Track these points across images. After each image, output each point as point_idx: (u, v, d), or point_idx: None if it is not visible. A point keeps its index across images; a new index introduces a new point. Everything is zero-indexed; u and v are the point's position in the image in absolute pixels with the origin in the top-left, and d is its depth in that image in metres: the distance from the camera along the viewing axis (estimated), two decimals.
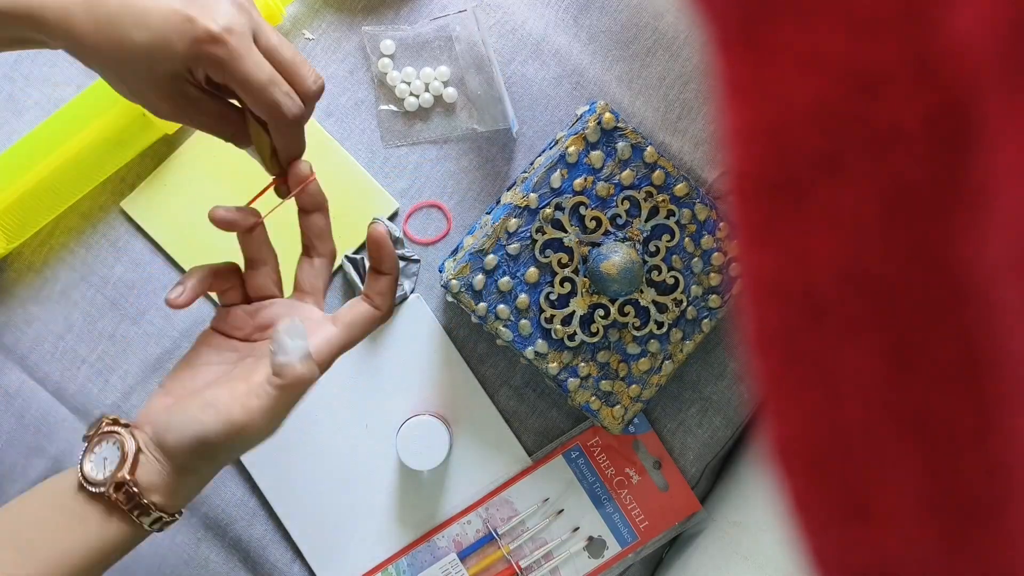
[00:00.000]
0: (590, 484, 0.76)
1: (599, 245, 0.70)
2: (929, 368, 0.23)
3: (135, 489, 0.53)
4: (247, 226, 0.58)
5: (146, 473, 0.54)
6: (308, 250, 0.59)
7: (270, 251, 0.60)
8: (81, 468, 0.54)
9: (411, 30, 0.75)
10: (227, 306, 0.60)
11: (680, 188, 0.71)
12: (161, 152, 0.75)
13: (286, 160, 0.58)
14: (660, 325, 0.72)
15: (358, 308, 0.58)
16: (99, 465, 0.55)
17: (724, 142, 0.24)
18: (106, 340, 0.75)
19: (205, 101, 0.55)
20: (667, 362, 0.73)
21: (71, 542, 0.54)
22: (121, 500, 0.54)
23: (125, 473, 0.54)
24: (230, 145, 0.59)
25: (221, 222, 0.56)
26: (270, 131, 0.56)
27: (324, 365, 0.56)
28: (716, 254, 0.72)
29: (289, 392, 0.53)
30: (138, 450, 0.54)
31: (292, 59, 0.55)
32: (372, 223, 0.58)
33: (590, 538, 0.76)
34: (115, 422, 0.56)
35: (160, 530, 0.56)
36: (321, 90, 0.57)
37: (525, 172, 0.73)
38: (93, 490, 0.54)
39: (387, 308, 0.58)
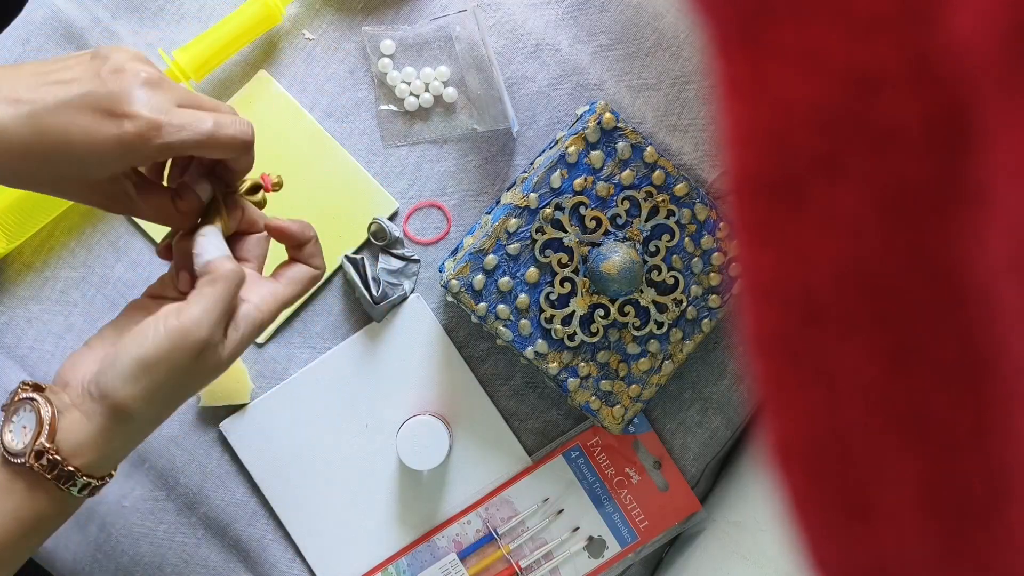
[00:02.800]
0: (590, 484, 0.76)
1: (599, 245, 0.70)
2: (929, 368, 0.23)
3: (56, 456, 0.52)
4: (306, 239, 0.60)
5: (71, 435, 0.52)
6: (253, 226, 0.61)
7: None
8: (1, 439, 0.53)
9: (411, 30, 0.75)
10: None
11: (680, 188, 0.71)
12: None
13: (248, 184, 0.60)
14: (660, 325, 0.72)
15: (296, 267, 0.60)
16: (18, 434, 0.53)
17: (724, 142, 0.24)
18: None
19: (145, 194, 0.56)
20: (667, 362, 0.73)
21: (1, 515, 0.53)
22: (44, 468, 0.52)
23: (44, 440, 0.52)
24: None
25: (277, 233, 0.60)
26: (229, 164, 0.57)
27: (271, 315, 0.57)
28: (716, 254, 0.72)
29: (221, 289, 0.53)
30: (54, 414, 0.53)
31: (215, 105, 0.56)
32: (269, 223, 0.59)
33: (590, 538, 0.76)
34: (35, 387, 0.55)
35: (91, 495, 0.55)
36: (251, 129, 0.57)
37: (525, 172, 0.73)
38: (15, 461, 0.52)
39: (322, 266, 0.61)
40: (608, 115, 0.69)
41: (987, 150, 0.20)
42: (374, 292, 0.73)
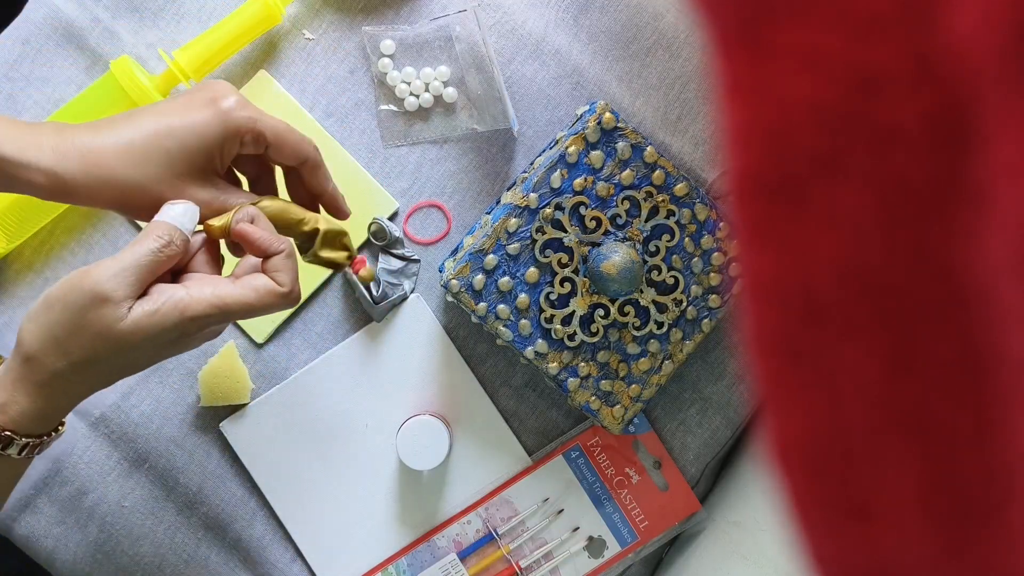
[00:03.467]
0: (590, 484, 0.76)
1: (599, 245, 0.70)
2: (929, 368, 0.23)
3: None
4: (272, 251, 0.58)
5: (4, 382, 0.53)
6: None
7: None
8: None
9: (411, 30, 0.75)
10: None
11: (680, 188, 0.71)
12: None
13: (330, 202, 0.62)
14: (660, 325, 0.72)
15: (257, 276, 0.56)
16: None
17: (724, 142, 0.24)
18: None
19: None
20: (667, 362, 0.73)
21: None
22: None
23: None
24: None
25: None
26: (306, 177, 0.60)
27: (204, 308, 0.53)
28: (716, 254, 0.72)
29: (141, 247, 0.52)
30: (19, 380, 0.53)
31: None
32: (236, 225, 0.56)
33: (590, 538, 0.76)
34: None
35: (19, 454, 0.54)
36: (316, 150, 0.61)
37: (525, 172, 0.73)
38: None
39: (290, 285, 0.56)
40: (608, 115, 0.69)
41: (987, 150, 0.20)
42: (374, 292, 0.73)
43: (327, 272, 0.75)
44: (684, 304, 0.72)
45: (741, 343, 0.25)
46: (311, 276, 0.74)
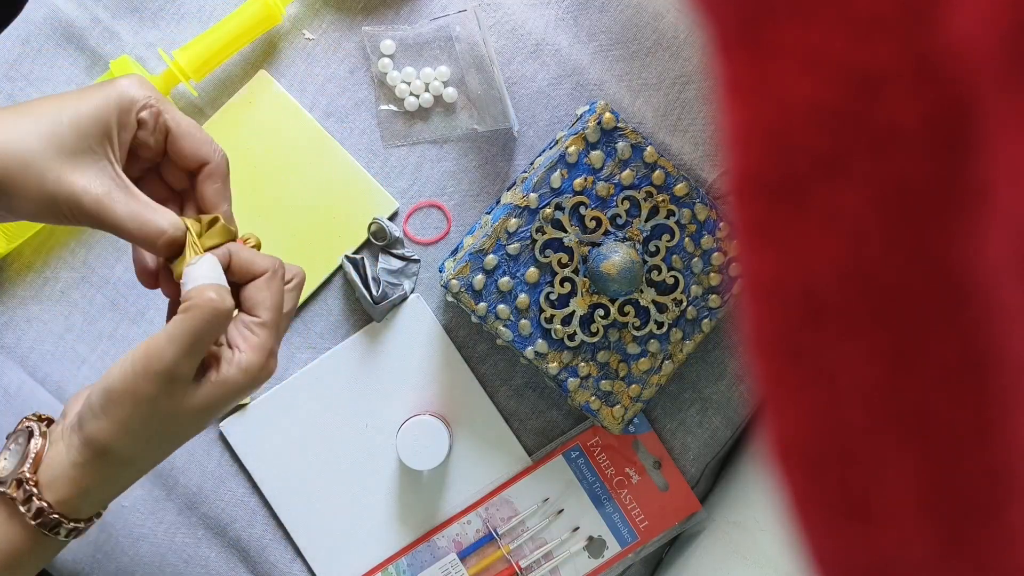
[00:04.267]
0: (590, 484, 0.76)
1: (599, 245, 0.70)
2: (929, 368, 0.23)
3: (33, 489, 0.50)
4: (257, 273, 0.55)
5: (50, 468, 0.51)
6: (250, 269, 0.56)
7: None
8: None
9: (411, 30, 0.75)
10: None
11: (680, 188, 0.71)
12: None
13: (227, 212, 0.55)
14: (660, 325, 0.72)
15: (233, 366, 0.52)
16: (11, 461, 0.52)
17: (724, 142, 0.24)
18: (106, 340, 0.75)
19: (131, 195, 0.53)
20: (667, 362, 0.73)
21: None
22: (19, 499, 0.50)
23: (27, 470, 0.50)
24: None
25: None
26: (200, 186, 0.54)
27: (265, 365, 0.52)
28: (716, 254, 0.72)
29: (192, 319, 0.49)
30: (44, 445, 0.51)
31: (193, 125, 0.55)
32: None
33: (590, 538, 0.76)
34: (40, 418, 0.54)
35: (64, 537, 0.52)
36: (224, 159, 0.56)
37: (525, 172, 0.73)
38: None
39: (296, 277, 0.55)
40: (608, 115, 0.69)
41: (988, 150, 0.20)
42: (374, 292, 0.73)
43: (327, 272, 0.75)
44: (684, 304, 0.72)
45: (741, 343, 0.25)
46: (311, 276, 0.74)
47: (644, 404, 0.73)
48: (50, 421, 0.54)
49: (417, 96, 0.75)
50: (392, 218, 0.76)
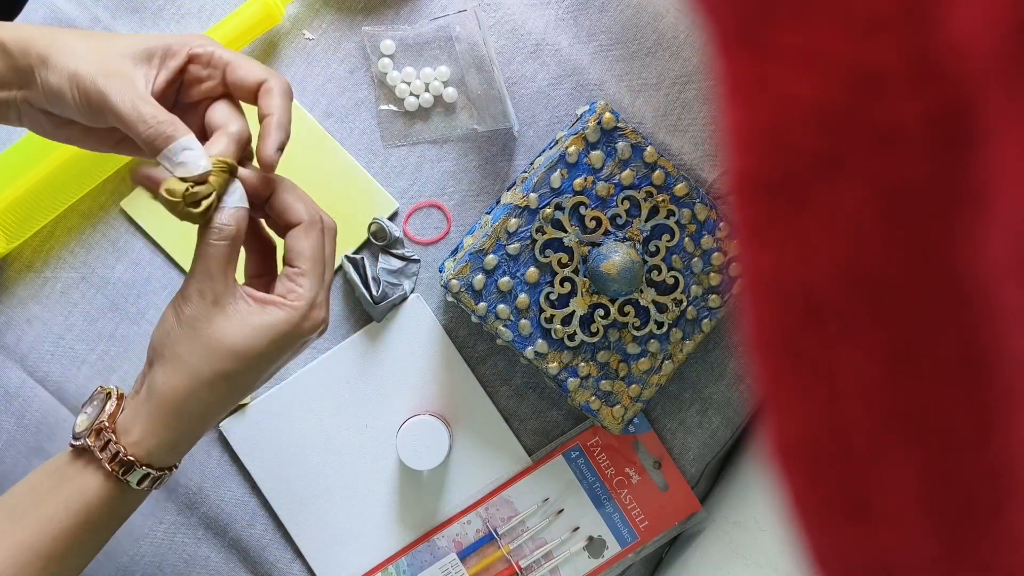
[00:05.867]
0: (590, 484, 0.76)
1: (599, 245, 0.70)
2: (929, 368, 0.23)
3: (112, 435, 0.52)
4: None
5: (131, 417, 0.53)
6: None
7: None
8: (74, 427, 0.54)
9: (411, 30, 0.75)
10: None
11: (680, 188, 0.71)
12: None
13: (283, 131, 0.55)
14: (660, 325, 0.72)
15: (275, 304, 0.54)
16: (88, 417, 0.54)
17: (724, 142, 0.24)
18: (106, 340, 0.75)
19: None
20: (667, 362, 0.73)
21: (55, 504, 0.53)
22: (98, 447, 0.52)
23: (105, 419, 0.53)
24: None
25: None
26: (260, 97, 0.54)
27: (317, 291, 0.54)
28: (716, 254, 0.72)
29: (205, 246, 0.51)
30: (121, 396, 0.54)
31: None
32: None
33: (590, 538, 0.76)
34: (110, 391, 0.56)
35: (145, 487, 0.54)
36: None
37: (525, 172, 0.73)
38: (76, 443, 0.53)
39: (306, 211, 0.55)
40: (608, 115, 0.69)
41: (988, 149, 0.20)
42: (374, 292, 0.73)
43: None
44: (684, 304, 0.72)
45: (741, 343, 0.25)
46: None
47: (644, 404, 0.73)
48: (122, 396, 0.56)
49: (417, 96, 0.75)
50: (392, 218, 0.76)
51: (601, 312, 0.71)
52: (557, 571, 0.76)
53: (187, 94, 0.56)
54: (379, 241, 0.74)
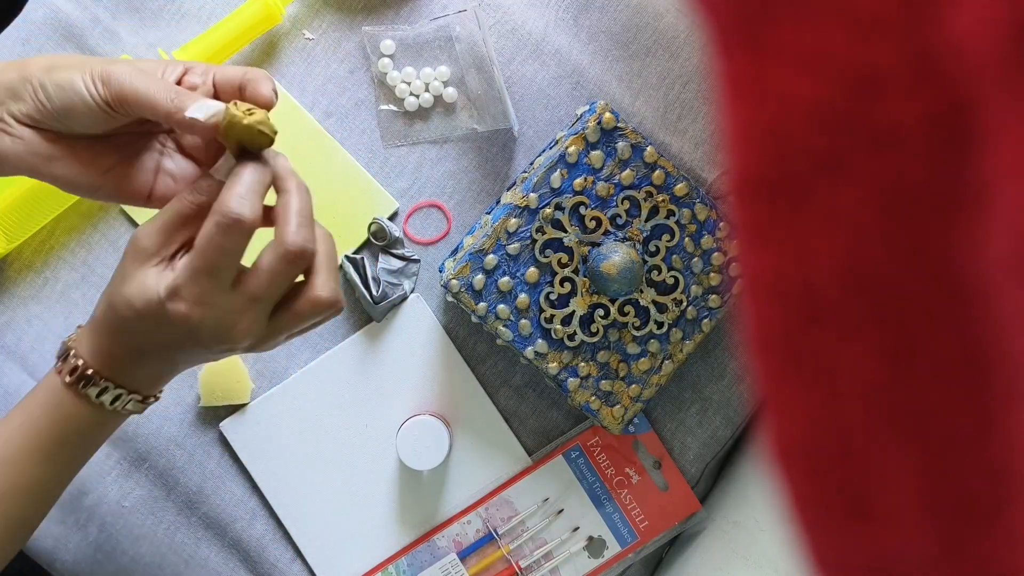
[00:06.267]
0: (590, 484, 0.76)
1: (599, 245, 0.70)
2: (929, 368, 0.23)
3: (73, 356, 0.54)
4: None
5: (84, 330, 0.55)
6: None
7: None
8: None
9: (411, 30, 0.75)
10: None
11: (680, 188, 0.71)
12: None
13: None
14: (660, 325, 0.72)
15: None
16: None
17: (724, 142, 0.24)
18: None
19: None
20: (667, 362, 0.73)
21: (33, 418, 0.55)
22: (66, 370, 0.54)
23: (72, 340, 0.55)
24: None
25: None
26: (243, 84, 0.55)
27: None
28: (716, 254, 0.72)
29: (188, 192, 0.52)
30: (92, 321, 0.55)
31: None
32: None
33: (590, 538, 0.76)
34: None
35: (102, 397, 0.54)
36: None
37: (525, 172, 0.73)
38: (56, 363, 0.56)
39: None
40: (608, 115, 0.69)
41: (988, 150, 0.20)
42: (374, 292, 0.73)
43: None
44: (684, 304, 0.72)
45: (741, 343, 0.25)
46: None
47: (644, 404, 0.73)
48: None
49: (417, 96, 0.75)
50: (392, 218, 0.76)
51: (601, 312, 0.71)
52: (557, 571, 0.76)
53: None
54: (379, 241, 0.74)
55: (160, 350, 0.54)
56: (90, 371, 0.54)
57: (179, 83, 0.56)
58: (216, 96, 0.55)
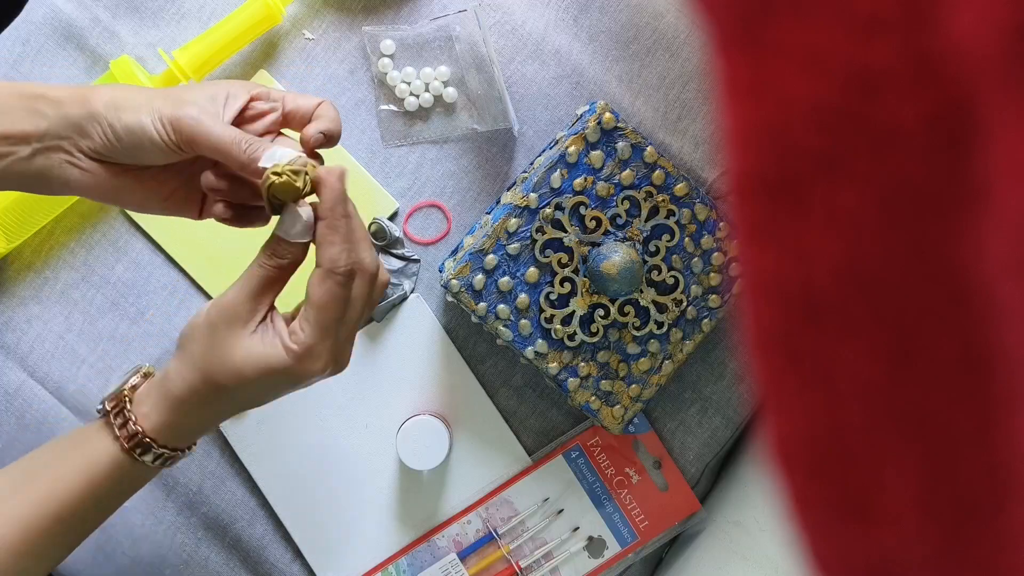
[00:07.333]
0: (590, 484, 0.76)
1: (599, 245, 0.70)
2: (929, 368, 0.23)
3: (127, 404, 0.54)
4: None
5: (144, 393, 0.55)
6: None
7: None
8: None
9: (411, 30, 0.75)
10: None
11: (680, 188, 0.71)
12: None
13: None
14: (660, 325, 0.72)
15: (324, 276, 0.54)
16: (114, 386, 0.57)
17: (724, 142, 0.24)
18: (106, 340, 0.75)
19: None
20: (667, 362, 0.73)
21: (64, 468, 0.55)
22: (113, 413, 0.55)
23: (126, 388, 0.55)
24: None
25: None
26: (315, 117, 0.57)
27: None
28: (716, 254, 0.72)
29: (275, 262, 0.53)
30: (148, 374, 0.56)
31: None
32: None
33: (590, 538, 0.76)
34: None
35: (151, 462, 0.55)
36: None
37: (525, 172, 0.73)
38: (99, 408, 0.56)
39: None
40: (608, 115, 0.69)
41: (988, 150, 0.20)
42: None
43: None
44: (684, 304, 0.72)
45: (741, 343, 0.25)
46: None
47: (644, 404, 0.73)
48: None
49: (417, 96, 0.75)
50: (392, 218, 0.76)
51: (601, 312, 0.71)
52: (557, 571, 0.76)
53: (248, 130, 0.57)
54: (379, 241, 0.74)
55: (250, 408, 0.58)
56: (148, 439, 0.55)
57: (245, 110, 0.56)
58: (285, 123, 0.57)
